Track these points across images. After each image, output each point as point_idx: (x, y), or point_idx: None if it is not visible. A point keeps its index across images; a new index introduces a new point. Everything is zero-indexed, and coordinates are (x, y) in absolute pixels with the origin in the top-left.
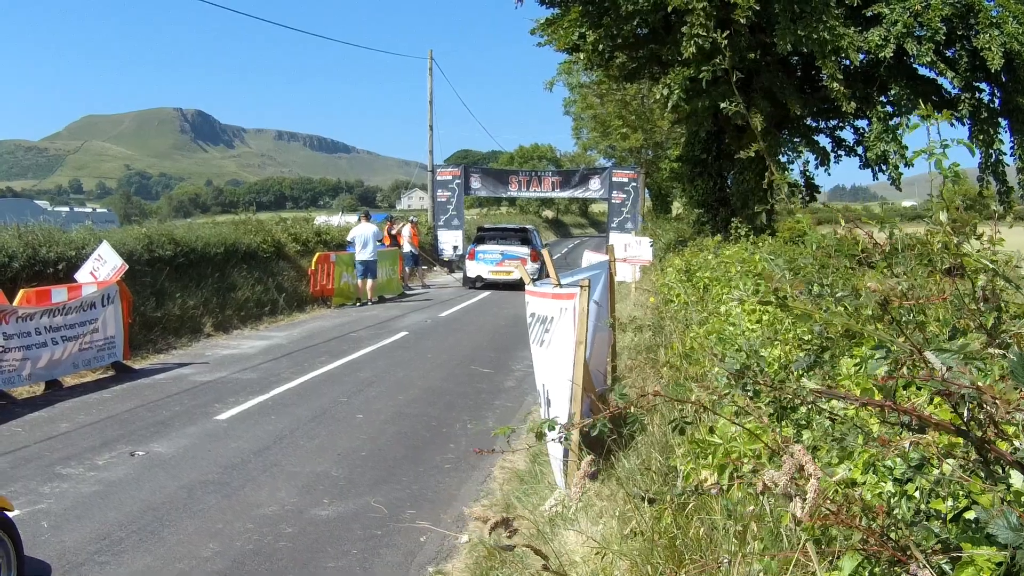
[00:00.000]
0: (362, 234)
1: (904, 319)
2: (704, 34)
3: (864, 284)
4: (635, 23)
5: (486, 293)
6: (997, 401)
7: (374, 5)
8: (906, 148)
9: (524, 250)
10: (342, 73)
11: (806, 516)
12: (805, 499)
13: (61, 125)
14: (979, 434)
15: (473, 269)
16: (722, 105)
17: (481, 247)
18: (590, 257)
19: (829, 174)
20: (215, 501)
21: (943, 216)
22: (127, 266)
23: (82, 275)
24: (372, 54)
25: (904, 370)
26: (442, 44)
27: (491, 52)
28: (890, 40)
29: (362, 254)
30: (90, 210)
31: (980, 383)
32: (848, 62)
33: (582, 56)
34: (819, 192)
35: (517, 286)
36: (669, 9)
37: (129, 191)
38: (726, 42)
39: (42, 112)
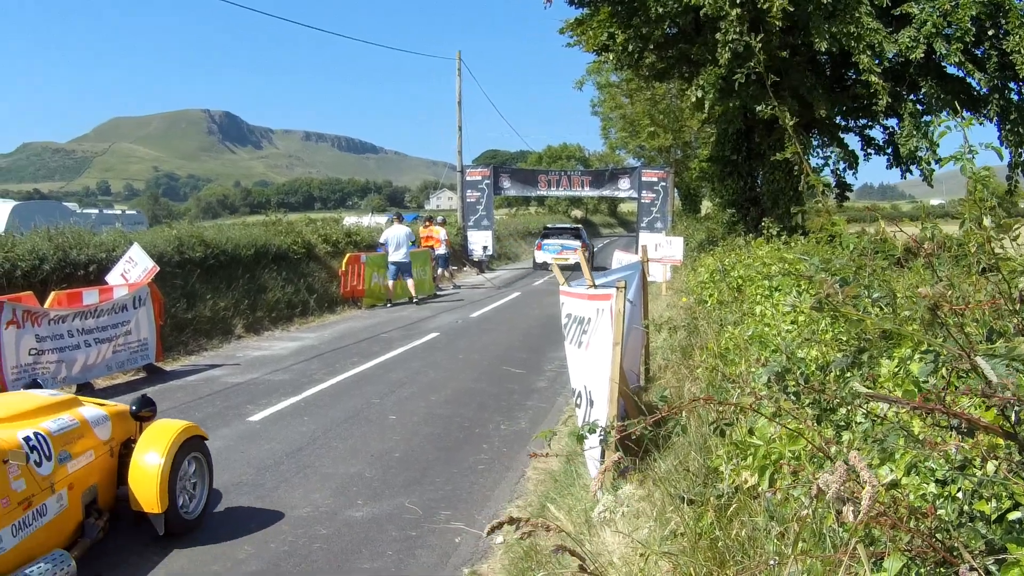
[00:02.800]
0: (395, 235)
1: (950, 324)
2: (738, 38)
3: (915, 290)
4: (665, 25)
5: (516, 293)
6: None
7: (402, 5)
8: (937, 145)
9: (576, 243)
10: (370, 74)
11: (859, 522)
12: (859, 505)
13: (88, 127)
14: None
15: (540, 257)
16: (758, 108)
17: (546, 241)
18: (620, 257)
19: (856, 176)
20: (249, 502)
21: (987, 221)
22: (158, 268)
23: (113, 277)
24: (400, 54)
25: (949, 373)
26: (470, 44)
27: (519, 52)
28: (920, 41)
29: (395, 255)
30: (119, 212)
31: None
32: (879, 60)
33: (611, 56)
34: (851, 191)
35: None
36: (699, 9)
37: (157, 192)
38: (760, 45)
39: (69, 114)
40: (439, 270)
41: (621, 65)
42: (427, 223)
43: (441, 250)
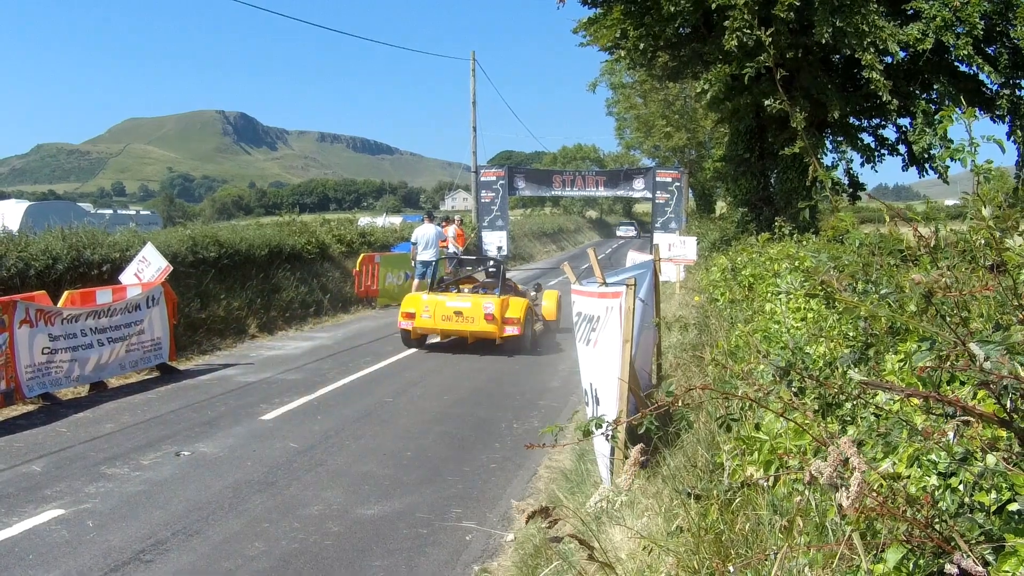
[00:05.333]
0: (425, 235)
1: (948, 314)
2: (748, 31)
3: (908, 277)
4: (677, 23)
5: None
6: None
7: (416, 6)
8: (951, 142)
9: (632, 228)
10: (385, 75)
11: (850, 507)
12: (850, 490)
13: (103, 128)
14: (1023, 425)
15: (618, 233)
16: (766, 103)
17: (619, 228)
18: (634, 257)
19: (876, 171)
20: (261, 500)
21: (986, 211)
22: (171, 267)
23: (126, 277)
24: (415, 55)
25: (943, 360)
26: (484, 45)
27: (534, 53)
28: (929, 34)
29: (424, 254)
30: (134, 212)
31: (1020, 374)
32: (890, 59)
33: (624, 55)
34: (864, 190)
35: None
36: (712, 7)
37: (172, 193)
38: (770, 39)
39: (84, 115)
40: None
41: (634, 64)
42: (444, 224)
43: (452, 248)
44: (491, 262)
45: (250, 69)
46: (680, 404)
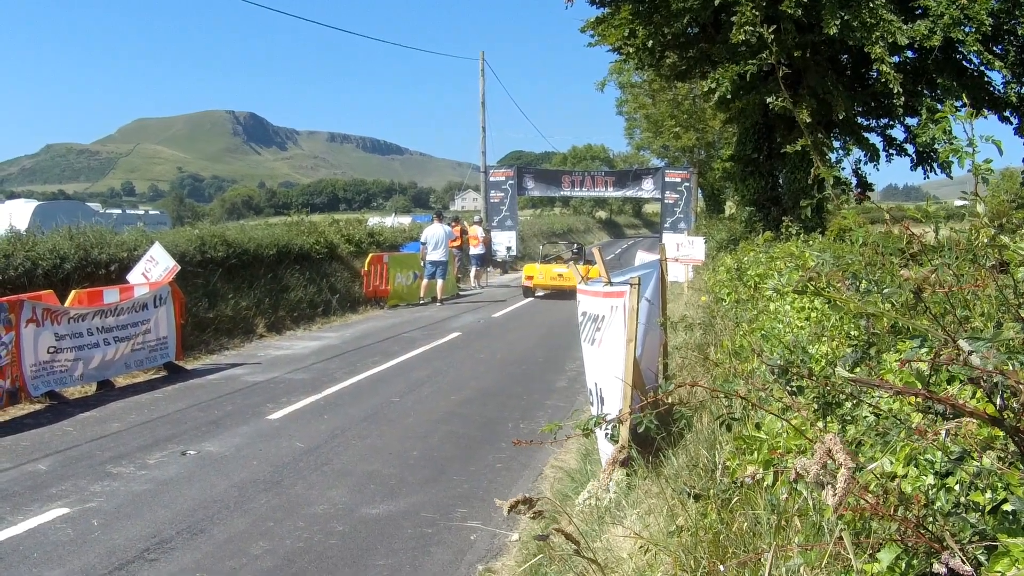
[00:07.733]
0: (435, 235)
1: (944, 312)
2: (752, 28)
3: (898, 273)
4: (685, 21)
5: (539, 293)
6: (1021, 386)
7: (426, 6)
8: (955, 138)
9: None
10: (395, 75)
11: (838, 505)
12: (836, 488)
13: (113, 128)
14: (1015, 423)
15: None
16: (768, 100)
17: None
18: (643, 257)
19: (878, 170)
20: (266, 499)
21: (980, 208)
22: (179, 267)
23: (134, 276)
24: (424, 56)
25: (934, 357)
26: (493, 45)
27: (543, 52)
28: (937, 31)
29: (434, 254)
30: (142, 212)
31: (1007, 369)
32: (898, 57)
33: (632, 53)
34: (872, 190)
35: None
36: (717, 3)
37: (181, 193)
38: (772, 36)
39: (94, 115)
40: (475, 268)
41: (642, 65)
42: (455, 223)
43: (479, 249)
44: (575, 245)
45: (259, 69)
46: (677, 402)
